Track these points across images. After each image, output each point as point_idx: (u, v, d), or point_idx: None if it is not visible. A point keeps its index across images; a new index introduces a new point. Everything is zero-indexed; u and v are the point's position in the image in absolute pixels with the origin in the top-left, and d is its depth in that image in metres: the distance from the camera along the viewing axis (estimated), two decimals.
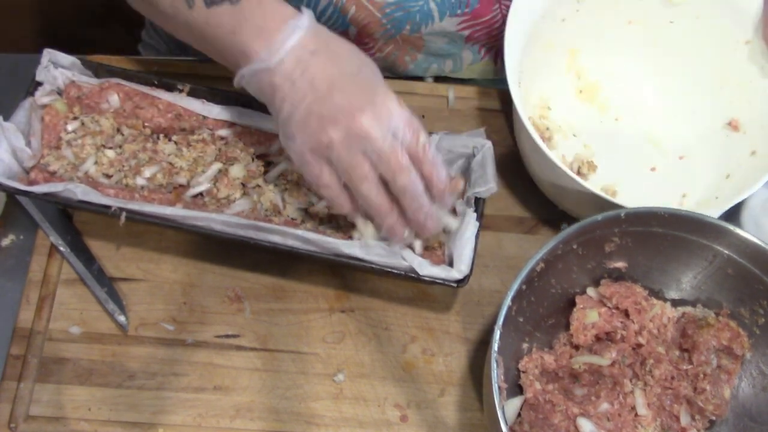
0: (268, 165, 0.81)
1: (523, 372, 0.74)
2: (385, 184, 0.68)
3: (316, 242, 0.73)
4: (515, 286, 0.67)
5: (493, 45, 0.94)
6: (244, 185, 0.79)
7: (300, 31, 0.65)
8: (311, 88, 0.65)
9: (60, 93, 0.81)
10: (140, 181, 0.77)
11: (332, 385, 0.78)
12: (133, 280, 0.82)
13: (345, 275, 0.83)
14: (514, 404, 0.72)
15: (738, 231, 0.70)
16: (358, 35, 0.91)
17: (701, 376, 0.73)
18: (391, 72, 0.97)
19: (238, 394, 0.77)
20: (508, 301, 0.66)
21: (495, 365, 0.64)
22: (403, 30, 0.89)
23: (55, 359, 0.77)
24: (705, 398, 0.72)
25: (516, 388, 0.74)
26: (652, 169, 0.90)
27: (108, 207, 0.74)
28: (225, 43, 0.67)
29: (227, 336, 0.79)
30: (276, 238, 0.74)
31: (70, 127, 0.80)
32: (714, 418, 0.73)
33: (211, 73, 0.93)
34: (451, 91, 0.94)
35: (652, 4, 0.90)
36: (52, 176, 0.77)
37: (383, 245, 0.73)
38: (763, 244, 0.70)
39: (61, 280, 0.81)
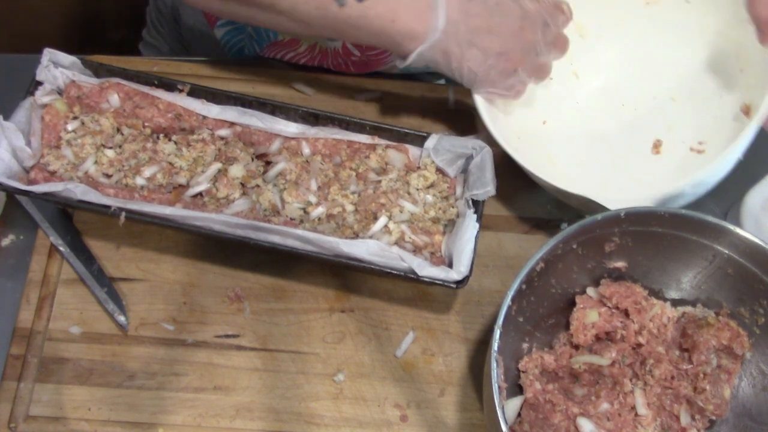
0: (268, 165, 0.81)
1: (523, 372, 0.74)
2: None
3: (316, 242, 0.73)
4: (515, 286, 0.67)
5: None
6: (243, 185, 0.79)
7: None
8: (477, 41, 0.75)
9: (60, 93, 0.81)
10: (140, 180, 0.78)
11: (332, 385, 0.78)
12: (133, 280, 0.82)
13: (345, 275, 0.83)
14: (514, 404, 0.72)
15: (738, 231, 0.70)
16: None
17: (701, 376, 0.73)
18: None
19: (238, 394, 0.77)
20: (508, 301, 0.66)
21: (495, 365, 0.64)
22: None
23: (55, 359, 0.77)
24: (705, 398, 0.72)
25: (516, 388, 0.74)
26: (656, 152, 0.89)
27: (108, 207, 0.74)
28: (386, 31, 0.74)
29: (227, 336, 0.79)
30: (275, 238, 0.74)
31: (70, 127, 0.80)
32: (714, 418, 0.73)
33: (211, 74, 0.93)
34: (451, 92, 0.94)
35: None
36: (52, 176, 0.77)
37: (383, 245, 0.73)
38: (763, 244, 0.70)
39: (61, 280, 0.81)
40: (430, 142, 0.80)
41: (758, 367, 0.75)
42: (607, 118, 0.91)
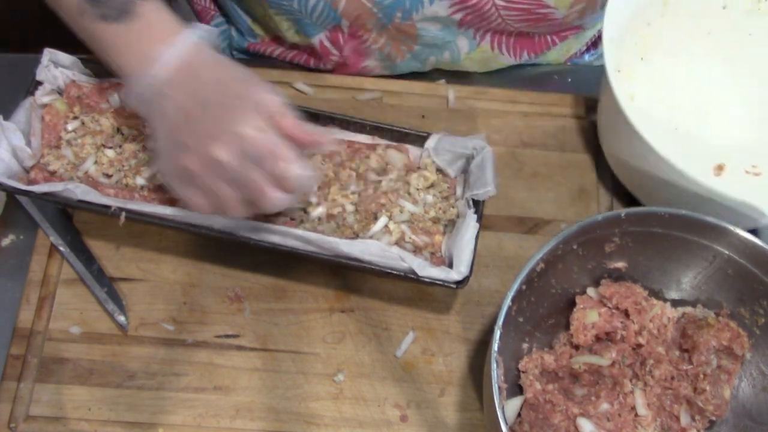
0: None
1: (523, 372, 0.74)
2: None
3: (316, 242, 0.73)
4: (515, 286, 0.67)
5: (488, 29, 0.93)
6: None
7: (172, 59, 0.67)
8: (170, 118, 0.68)
9: (60, 92, 0.81)
10: (140, 180, 0.77)
11: (332, 385, 0.78)
12: (133, 280, 0.82)
13: (345, 275, 0.83)
14: (514, 404, 0.72)
15: (738, 231, 0.70)
16: (351, 27, 0.91)
17: (701, 376, 0.73)
18: (389, 63, 0.97)
19: (238, 394, 0.77)
20: (508, 301, 0.66)
21: (495, 365, 0.64)
22: (394, 18, 0.89)
23: (55, 359, 0.77)
24: (705, 398, 0.72)
25: (516, 388, 0.74)
26: (718, 174, 0.91)
27: (108, 207, 0.74)
28: (112, 62, 0.70)
29: (227, 336, 0.79)
30: (276, 238, 0.74)
31: (70, 127, 0.80)
32: (714, 418, 0.73)
33: None
34: (451, 91, 0.94)
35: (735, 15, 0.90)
36: (52, 176, 0.77)
37: (383, 245, 0.73)
38: (763, 245, 0.70)
39: (61, 280, 0.81)
40: (430, 142, 0.80)
41: (758, 367, 0.75)
42: (666, 132, 0.93)
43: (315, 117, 0.82)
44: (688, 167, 0.75)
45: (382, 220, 0.77)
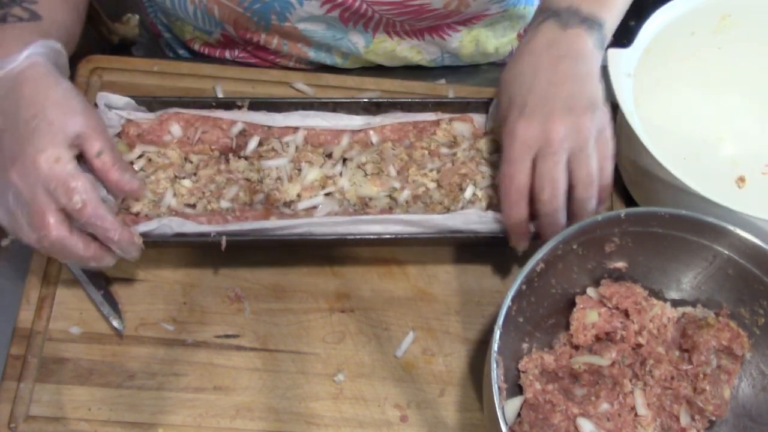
0: (343, 161, 0.81)
1: (523, 372, 0.74)
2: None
3: (419, 222, 0.74)
4: (515, 286, 0.67)
5: (370, 19, 0.91)
6: (323, 186, 0.79)
7: None
8: None
9: (119, 135, 0.80)
10: (224, 204, 0.77)
11: (332, 385, 0.78)
12: (132, 280, 0.81)
13: (345, 275, 0.83)
14: (514, 404, 0.72)
15: (738, 231, 0.70)
16: (236, 31, 0.92)
17: (701, 376, 0.73)
18: (304, 64, 0.99)
19: (238, 394, 0.77)
20: (508, 301, 0.66)
21: (495, 365, 0.64)
22: (270, 20, 0.90)
23: (55, 359, 0.77)
24: (705, 398, 0.72)
25: (516, 388, 0.74)
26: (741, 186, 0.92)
27: (207, 234, 0.73)
28: None
29: (227, 336, 0.79)
30: (377, 228, 0.75)
31: (137, 166, 0.78)
32: (714, 418, 0.73)
33: (211, 73, 0.92)
34: (451, 91, 0.94)
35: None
36: (137, 218, 0.76)
37: (480, 212, 0.75)
38: (763, 244, 0.70)
39: (60, 281, 0.81)
40: (492, 106, 0.81)
41: (758, 367, 0.75)
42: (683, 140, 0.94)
43: (377, 106, 0.82)
44: (712, 188, 0.74)
45: (470, 189, 0.78)
